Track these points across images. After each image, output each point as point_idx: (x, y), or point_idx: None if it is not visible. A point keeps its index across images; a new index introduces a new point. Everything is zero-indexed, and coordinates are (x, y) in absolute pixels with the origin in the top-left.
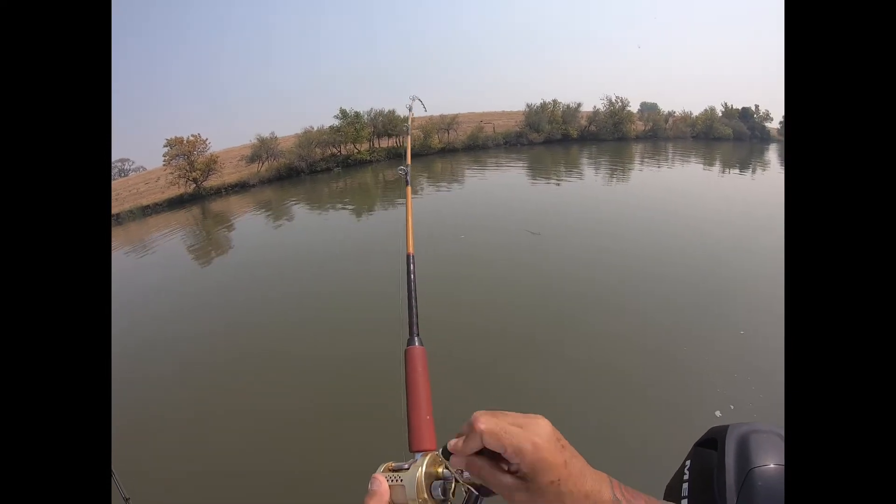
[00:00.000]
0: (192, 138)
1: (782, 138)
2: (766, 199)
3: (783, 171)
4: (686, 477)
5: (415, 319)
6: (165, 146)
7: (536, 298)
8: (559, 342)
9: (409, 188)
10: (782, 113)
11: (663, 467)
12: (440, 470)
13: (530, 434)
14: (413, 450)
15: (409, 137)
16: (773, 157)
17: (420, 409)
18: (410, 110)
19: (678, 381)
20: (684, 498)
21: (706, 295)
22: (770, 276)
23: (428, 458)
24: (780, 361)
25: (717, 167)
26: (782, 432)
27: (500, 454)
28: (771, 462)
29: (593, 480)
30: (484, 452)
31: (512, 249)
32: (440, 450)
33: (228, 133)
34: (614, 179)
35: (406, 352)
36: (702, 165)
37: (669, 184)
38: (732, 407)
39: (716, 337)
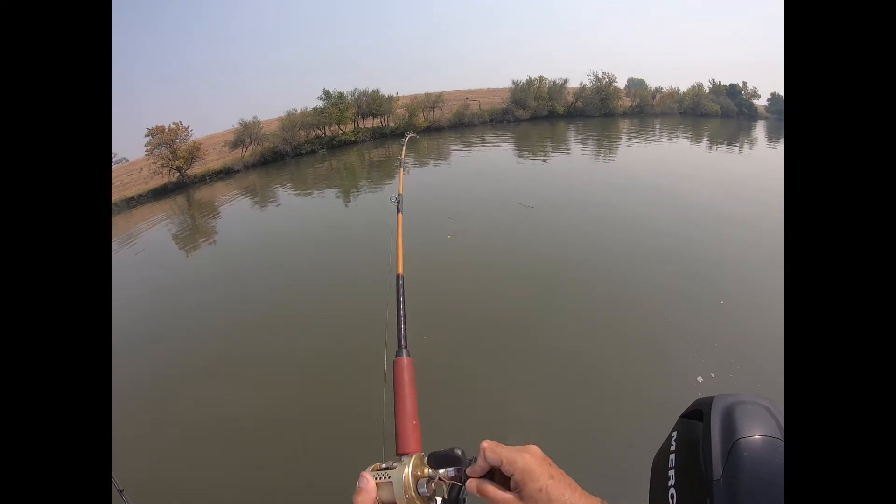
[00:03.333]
0: (173, 126)
1: (770, 115)
2: (752, 174)
3: (771, 148)
4: (673, 448)
5: (403, 333)
6: (147, 136)
7: (527, 272)
8: (550, 316)
9: (400, 215)
10: (770, 90)
11: (650, 437)
12: (425, 470)
13: (522, 451)
14: (399, 452)
15: (402, 171)
16: (761, 133)
17: (406, 415)
18: (404, 144)
19: (661, 350)
20: (671, 468)
21: (688, 266)
22: (750, 248)
23: (414, 458)
24: (757, 331)
25: (704, 143)
26: (767, 402)
27: (500, 477)
28: (756, 433)
29: (582, 497)
30: (491, 477)
31: (503, 225)
32: (426, 454)
33: (210, 119)
34: (601, 155)
35: (395, 362)
36: (689, 141)
37: (656, 159)
38: (713, 374)
39: (697, 307)
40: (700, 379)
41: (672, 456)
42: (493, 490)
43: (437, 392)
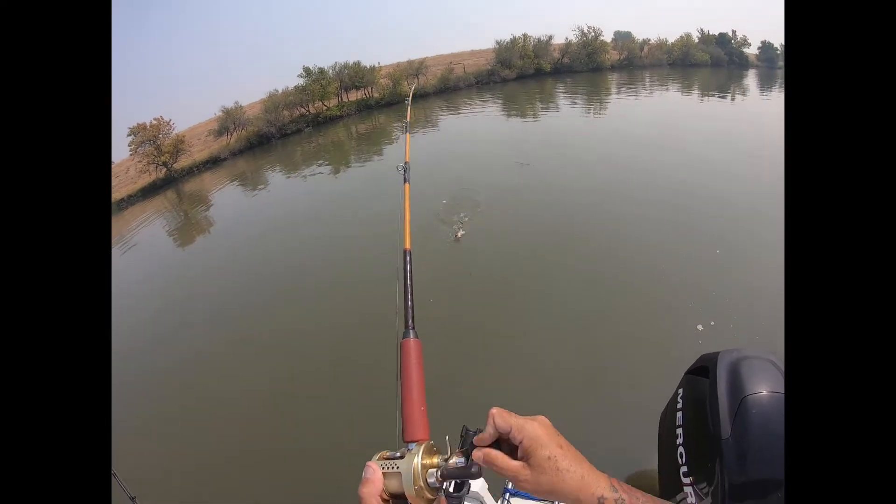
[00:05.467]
0: (154, 122)
1: (761, 64)
2: (744, 123)
3: (764, 98)
4: (679, 406)
5: (410, 313)
6: (129, 135)
7: (525, 229)
8: (553, 270)
9: (407, 185)
10: (760, 39)
11: (654, 385)
12: (435, 460)
13: (530, 419)
14: (407, 440)
15: (408, 136)
16: (752, 82)
17: (413, 400)
18: (408, 103)
19: (661, 300)
20: (679, 427)
21: (684, 216)
22: (744, 197)
23: (423, 447)
24: (752, 279)
25: (695, 93)
26: (772, 357)
27: (507, 446)
28: (763, 389)
29: (591, 471)
30: (498, 446)
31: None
32: (433, 444)
33: (192, 109)
34: (591, 110)
35: (401, 344)
36: (680, 92)
37: (648, 111)
38: (713, 323)
39: (694, 256)
40: (700, 327)
41: (679, 414)
42: (501, 458)
43: (445, 349)
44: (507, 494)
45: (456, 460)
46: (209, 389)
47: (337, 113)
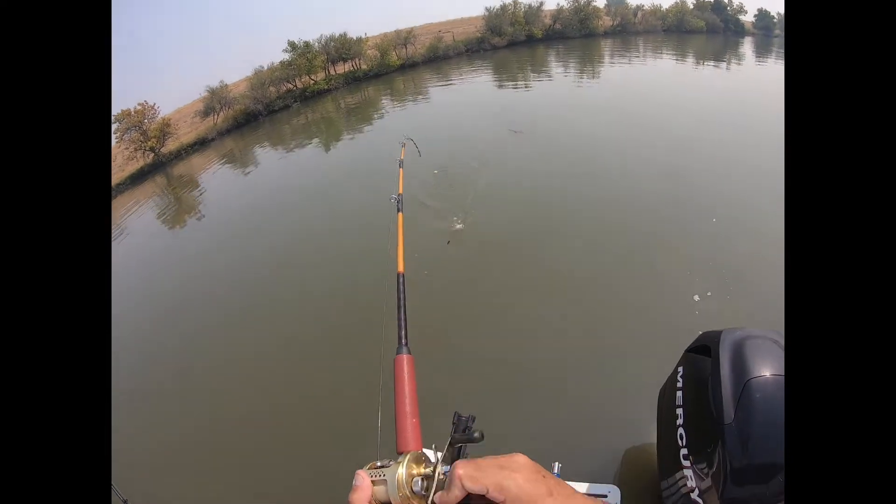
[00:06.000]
0: (139, 107)
1: (757, 31)
2: (740, 91)
3: (759, 64)
4: (679, 385)
5: (404, 332)
6: (114, 122)
7: (518, 197)
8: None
9: (400, 214)
10: (757, 6)
11: (650, 362)
12: (422, 469)
13: (509, 471)
14: (400, 451)
15: (402, 171)
16: (748, 50)
17: (406, 413)
18: (402, 145)
19: (657, 269)
20: (679, 406)
21: (680, 184)
22: (740, 165)
23: (410, 456)
24: (750, 246)
25: (690, 61)
26: (776, 336)
27: (485, 499)
28: (767, 372)
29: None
30: (471, 501)
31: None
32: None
33: (177, 91)
34: (584, 77)
35: (395, 360)
36: (675, 59)
37: (641, 78)
38: (710, 293)
39: (690, 225)
40: (696, 297)
41: (679, 393)
42: None
43: (439, 305)
44: None
45: (442, 468)
46: (199, 396)
47: (325, 87)
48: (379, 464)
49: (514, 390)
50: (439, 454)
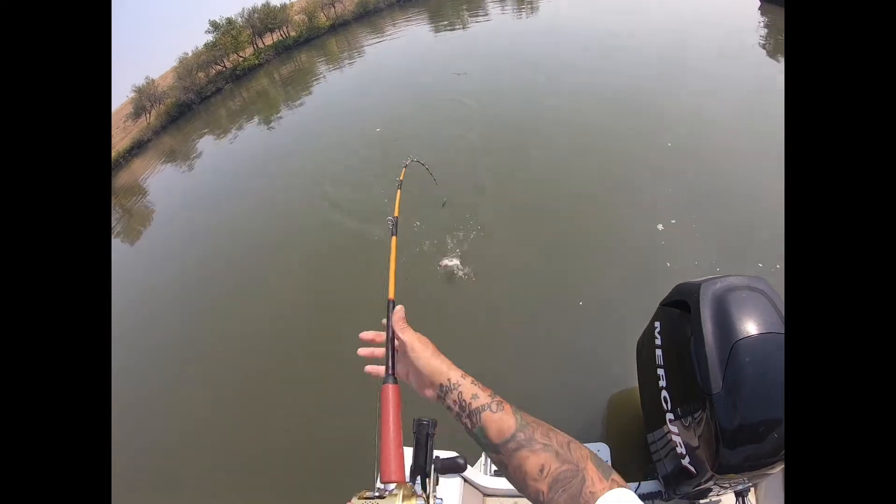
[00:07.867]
0: None
1: None
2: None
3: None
4: (658, 342)
5: (392, 362)
6: None
7: (476, 138)
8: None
9: (394, 238)
10: None
11: (620, 299)
12: (414, 502)
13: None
14: (384, 481)
15: (399, 193)
16: None
17: (391, 443)
18: (404, 165)
19: (619, 203)
20: (660, 367)
21: (631, 106)
22: (700, 84)
23: (404, 489)
24: (707, 167)
25: None
26: (762, 286)
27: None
28: (754, 330)
29: (444, 363)
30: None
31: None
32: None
33: None
34: (523, 12)
35: (381, 389)
36: None
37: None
38: (674, 221)
39: (645, 148)
40: (660, 227)
41: (658, 352)
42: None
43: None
44: None
45: (435, 502)
46: (183, 414)
47: (255, 62)
48: (368, 494)
49: (490, 355)
50: (428, 481)
